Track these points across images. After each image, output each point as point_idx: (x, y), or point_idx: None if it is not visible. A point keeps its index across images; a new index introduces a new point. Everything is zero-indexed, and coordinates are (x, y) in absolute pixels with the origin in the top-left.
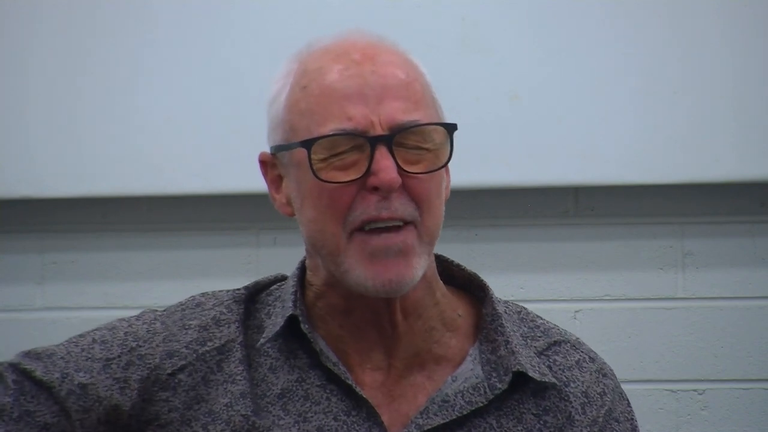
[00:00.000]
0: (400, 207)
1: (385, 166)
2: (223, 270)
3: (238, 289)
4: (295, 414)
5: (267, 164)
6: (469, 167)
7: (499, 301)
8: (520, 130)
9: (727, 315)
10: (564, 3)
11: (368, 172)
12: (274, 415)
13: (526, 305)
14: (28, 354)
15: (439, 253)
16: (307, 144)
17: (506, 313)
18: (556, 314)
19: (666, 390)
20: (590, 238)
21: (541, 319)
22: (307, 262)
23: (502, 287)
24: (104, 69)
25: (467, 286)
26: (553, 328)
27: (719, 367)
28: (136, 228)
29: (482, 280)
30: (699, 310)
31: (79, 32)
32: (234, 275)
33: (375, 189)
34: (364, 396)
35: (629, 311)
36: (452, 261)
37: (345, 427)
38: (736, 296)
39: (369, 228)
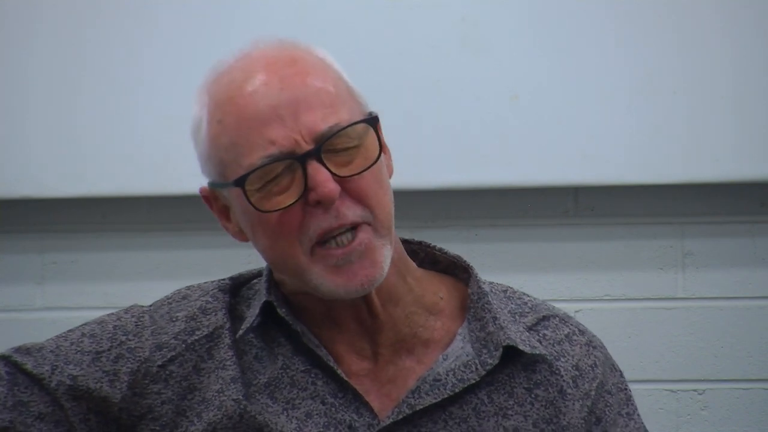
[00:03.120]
0: (348, 212)
1: (321, 179)
2: (223, 270)
3: (223, 279)
4: (282, 401)
5: (210, 198)
6: (469, 167)
7: (484, 281)
8: (520, 130)
9: (727, 315)
10: (564, 3)
11: (307, 189)
12: (262, 403)
13: None
14: (18, 349)
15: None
16: (240, 182)
17: (492, 291)
18: None
19: (666, 390)
20: (590, 238)
21: (528, 296)
22: (273, 273)
23: None
24: (104, 69)
25: (451, 269)
26: (540, 303)
27: (719, 367)
28: (136, 228)
29: (465, 261)
30: (699, 310)
31: (79, 32)
32: None
33: (318, 203)
34: (345, 378)
35: (629, 311)
36: (434, 246)
37: (333, 409)
38: (736, 296)
39: (327, 238)
